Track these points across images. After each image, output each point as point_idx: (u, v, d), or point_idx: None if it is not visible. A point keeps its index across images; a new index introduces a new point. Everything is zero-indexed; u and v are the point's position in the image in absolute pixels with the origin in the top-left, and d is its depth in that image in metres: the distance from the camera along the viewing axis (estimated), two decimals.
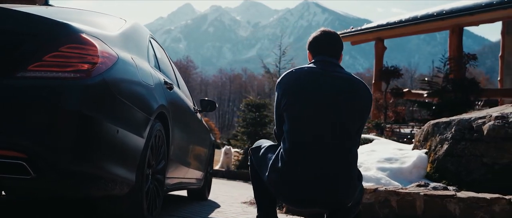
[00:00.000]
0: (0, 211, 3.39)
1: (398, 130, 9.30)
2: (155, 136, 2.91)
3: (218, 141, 30.72)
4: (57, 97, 2.09)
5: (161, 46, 4.30)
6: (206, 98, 5.33)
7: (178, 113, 3.63)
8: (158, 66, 3.52)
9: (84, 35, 2.27)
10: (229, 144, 19.17)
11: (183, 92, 4.34)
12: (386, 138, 8.48)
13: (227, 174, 12.17)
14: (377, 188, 3.85)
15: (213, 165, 12.39)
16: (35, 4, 9.86)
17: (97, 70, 2.22)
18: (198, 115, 4.85)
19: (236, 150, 15.46)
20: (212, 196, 6.16)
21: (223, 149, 11.91)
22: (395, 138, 8.42)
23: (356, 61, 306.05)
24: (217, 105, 5.36)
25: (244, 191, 7.64)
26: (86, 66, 2.18)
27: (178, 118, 3.62)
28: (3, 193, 2.50)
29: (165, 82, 3.33)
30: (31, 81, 2.08)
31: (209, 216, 3.99)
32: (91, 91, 2.18)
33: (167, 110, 3.16)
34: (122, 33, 2.90)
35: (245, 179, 11.26)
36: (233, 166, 13.02)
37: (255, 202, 5.37)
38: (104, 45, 2.38)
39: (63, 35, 2.23)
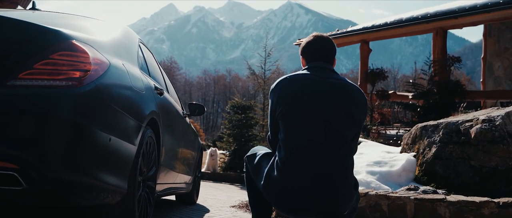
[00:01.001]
0: None
1: (384, 132, 9.37)
2: (146, 143, 2.88)
3: (203, 142, 30.64)
4: (48, 106, 2.04)
5: (149, 51, 4.26)
6: (195, 102, 5.30)
7: (168, 119, 3.59)
8: (148, 72, 3.48)
9: (75, 42, 2.22)
10: (215, 146, 19.11)
11: (172, 97, 4.30)
12: (372, 139, 8.53)
13: (213, 176, 12.12)
14: (367, 192, 3.86)
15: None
16: (16, 6, 9.69)
17: (89, 77, 2.18)
18: (187, 119, 4.81)
19: (222, 152, 15.41)
20: (200, 200, 6.12)
21: (208, 151, 11.87)
22: (382, 140, 8.47)
23: (340, 62, 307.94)
24: (205, 109, 5.33)
25: (231, 194, 7.61)
26: (78, 73, 2.14)
27: (168, 124, 3.58)
28: None
29: (156, 88, 3.29)
30: (21, 90, 2.03)
31: None
32: (83, 99, 2.14)
33: (157, 115, 3.13)
34: (112, 38, 2.86)
35: (231, 181, 11.23)
36: (219, 168, 12.98)
37: (244, 205, 5.38)
38: (96, 52, 2.34)
39: (54, 42, 2.18)
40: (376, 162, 4.72)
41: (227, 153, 14.60)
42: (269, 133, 2.60)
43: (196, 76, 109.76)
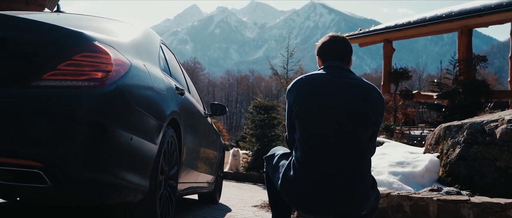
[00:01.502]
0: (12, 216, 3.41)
1: (408, 132, 9.25)
2: (167, 142, 2.91)
3: (226, 142, 30.76)
4: (71, 106, 2.09)
5: (171, 51, 4.31)
6: (216, 103, 5.33)
7: (189, 118, 3.63)
8: (169, 72, 3.52)
9: (97, 43, 2.27)
10: (238, 146, 19.17)
11: (193, 97, 4.34)
12: (396, 140, 8.44)
13: (236, 176, 12.17)
14: (389, 193, 3.83)
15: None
16: (43, 8, 9.92)
17: (111, 78, 2.22)
18: (209, 119, 4.85)
19: (245, 152, 15.46)
20: (222, 199, 6.16)
21: (231, 151, 11.91)
22: (405, 140, 8.37)
23: (363, 62, 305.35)
24: (227, 109, 5.36)
25: (254, 193, 7.63)
26: (99, 74, 2.18)
27: (189, 123, 3.62)
28: (17, 199, 2.50)
29: (177, 88, 3.33)
30: (46, 90, 2.08)
31: None
32: (105, 99, 2.18)
33: (179, 115, 3.16)
34: (133, 39, 2.91)
35: (254, 181, 11.25)
36: (242, 168, 13.03)
37: (266, 205, 5.39)
38: (117, 53, 2.38)
39: (76, 44, 2.23)
40: (399, 162, 4.68)
41: (250, 153, 14.63)
42: (286, 133, 2.61)
43: (219, 76, 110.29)
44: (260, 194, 6.41)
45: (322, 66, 2.61)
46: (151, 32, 3.47)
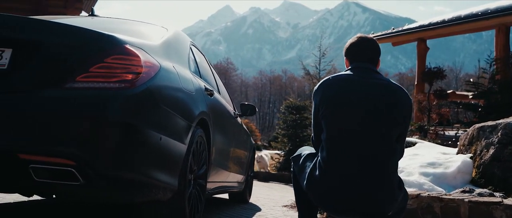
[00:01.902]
0: (50, 213, 3.55)
1: (442, 133, 9.08)
2: (196, 142, 2.98)
3: (259, 142, 30.85)
4: (103, 107, 2.17)
5: (201, 52, 4.39)
6: (247, 103, 5.39)
7: (218, 119, 3.69)
8: (198, 73, 3.59)
9: (128, 46, 2.35)
10: (270, 146, 19.22)
11: (223, 97, 4.41)
12: (429, 140, 8.29)
13: (267, 177, 12.23)
14: (419, 194, 3.79)
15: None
16: (80, 12, 10.21)
17: (141, 79, 2.29)
18: (239, 119, 4.90)
19: (277, 152, 15.48)
20: (253, 199, 6.21)
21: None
22: (439, 141, 8.22)
23: (398, 61, 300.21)
24: (257, 110, 5.41)
25: (285, 193, 7.65)
26: (130, 76, 2.26)
27: (218, 124, 3.68)
28: (53, 196, 2.61)
29: (206, 89, 3.39)
30: (79, 92, 2.17)
31: None
32: (135, 100, 2.25)
33: (208, 116, 3.22)
34: (163, 42, 2.98)
35: (285, 181, 11.27)
36: (274, 168, 13.10)
37: (294, 206, 5.41)
38: (147, 55, 2.45)
39: (108, 47, 2.32)
40: (430, 163, 4.61)
41: (282, 153, 14.66)
42: (312, 133, 2.63)
43: (252, 77, 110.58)
44: (291, 194, 6.39)
45: (350, 67, 2.62)
46: (181, 34, 3.55)
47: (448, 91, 10.05)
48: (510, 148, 4.31)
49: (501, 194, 3.82)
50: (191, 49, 3.64)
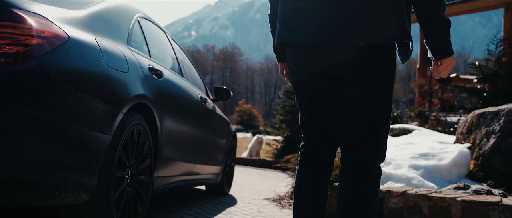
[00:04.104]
0: None
1: (444, 119, 8.52)
2: (131, 132, 2.49)
3: (261, 128, 30.39)
4: None
5: (162, 29, 3.87)
6: (220, 87, 4.88)
7: (172, 104, 3.19)
8: (147, 52, 3.08)
9: (16, 11, 1.84)
10: (268, 134, 18.70)
11: (188, 81, 3.90)
12: (430, 127, 7.76)
13: (264, 163, 11.77)
14: (405, 191, 3.28)
15: (244, 154, 11.91)
16: None
17: (31, 53, 1.79)
18: (209, 105, 4.40)
19: (275, 138, 14.97)
20: (237, 190, 5.74)
21: (255, 138, 11.49)
22: (440, 128, 7.68)
23: None
24: (232, 94, 4.91)
25: (279, 183, 7.08)
26: (14, 49, 1.76)
27: (172, 109, 3.18)
28: None
29: (151, 69, 2.88)
30: None
31: None
32: (20, 79, 1.76)
33: (151, 101, 2.72)
34: (92, 12, 2.48)
35: (282, 169, 10.78)
36: (271, 155, 12.63)
37: (278, 198, 4.92)
38: (48, 24, 1.95)
39: None
40: (423, 154, 4.08)
41: (281, 139, 14.16)
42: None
43: (258, 62, 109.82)
44: (285, 183, 5.89)
45: None
46: (124, 6, 3.02)
47: (452, 75, 9.46)
48: None
49: (501, 191, 3.30)
50: (139, 23, 3.13)
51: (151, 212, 3.51)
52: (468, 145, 4.16)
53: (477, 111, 4.35)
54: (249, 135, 26.60)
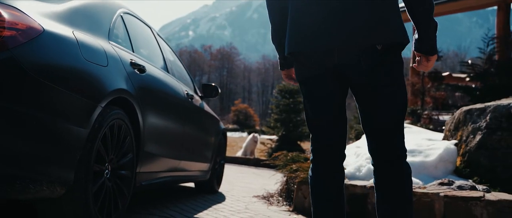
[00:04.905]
0: None
1: (436, 117, 8.53)
2: (111, 126, 2.48)
3: (257, 128, 30.40)
4: None
5: (148, 26, 3.86)
6: (209, 83, 4.87)
7: (155, 99, 3.18)
8: (130, 46, 3.07)
9: None
10: (264, 134, 18.72)
11: (174, 77, 3.89)
12: (422, 126, 7.77)
13: (258, 162, 11.77)
14: None
15: (237, 153, 11.89)
16: None
17: (2, 45, 1.78)
18: (197, 102, 4.39)
19: (270, 137, 14.96)
20: (227, 188, 5.74)
21: (250, 136, 11.45)
22: (432, 126, 7.69)
23: None
24: (219, 90, 4.90)
25: (271, 181, 7.09)
26: None
27: (156, 105, 3.17)
28: None
29: (132, 64, 2.87)
30: None
31: (195, 216, 3.54)
32: None
33: (133, 95, 2.71)
34: (71, 6, 2.47)
35: (273, 167, 10.77)
36: (265, 154, 12.61)
37: (267, 196, 4.91)
38: (21, 16, 1.94)
39: None
40: (410, 150, 4.07)
41: (275, 138, 14.14)
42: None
43: (255, 61, 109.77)
44: (275, 180, 5.87)
45: None
46: (108, 1, 3.01)
47: (444, 74, 9.46)
48: (499, 133, 3.79)
49: (485, 187, 3.30)
50: (122, 18, 3.12)
51: (135, 208, 3.50)
52: (455, 141, 4.16)
53: (465, 108, 4.35)
54: (245, 134, 26.59)
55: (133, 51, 3.07)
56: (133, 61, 2.88)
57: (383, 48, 1.87)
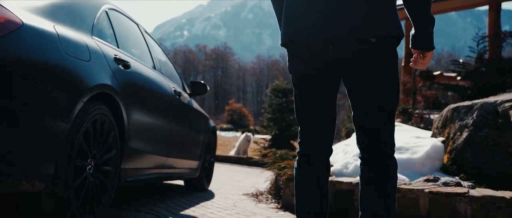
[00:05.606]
0: None
1: (427, 116, 8.55)
2: (94, 121, 2.46)
3: (251, 127, 30.39)
4: None
5: (135, 22, 3.85)
6: (197, 81, 4.86)
7: (141, 95, 3.17)
8: (115, 42, 3.06)
9: None
10: (258, 133, 18.72)
11: (161, 74, 3.88)
12: (413, 124, 7.79)
13: (250, 162, 11.76)
14: None
15: (230, 152, 11.84)
16: None
17: None
18: (185, 99, 4.38)
19: (262, 136, 14.96)
20: (217, 186, 5.72)
21: (243, 136, 11.43)
22: (423, 125, 7.71)
23: None
24: (208, 88, 4.89)
25: (261, 180, 7.09)
26: None
27: (141, 101, 3.16)
28: None
29: (117, 59, 2.85)
30: None
31: (182, 213, 3.53)
32: None
33: (116, 91, 2.70)
34: (53, 1, 2.46)
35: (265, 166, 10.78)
36: (258, 154, 12.61)
37: (257, 194, 4.91)
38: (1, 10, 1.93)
39: None
40: (397, 148, 4.07)
41: (268, 138, 14.13)
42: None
43: (250, 61, 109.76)
44: (264, 179, 5.86)
45: None
46: None
47: (435, 73, 9.49)
48: (485, 130, 3.80)
49: (470, 184, 3.32)
50: (107, 14, 3.10)
51: (122, 205, 3.49)
52: (442, 138, 4.18)
53: (452, 105, 4.37)
54: (239, 134, 26.59)
55: (118, 47, 3.06)
56: (117, 56, 2.87)
57: (377, 41, 1.86)
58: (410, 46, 2.02)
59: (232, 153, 11.88)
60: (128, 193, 4.16)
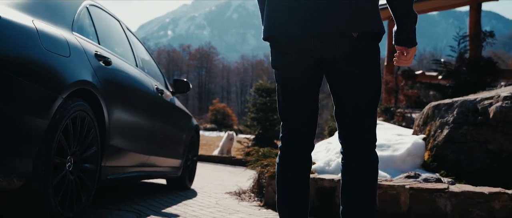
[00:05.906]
0: None
1: (409, 115, 8.65)
2: (73, 117, 2.43)
3: (235, 127, 30.35)
4: None
5: (117, 19, 3.82)
6: (180, 79, 4.84)
7: (122, 93, 3.14)
8: (96, 39, 3.03)
9: None
10: (241, 133, 18.72)
11: (143, 71, 3.85)
12: (396, 123, 7.86)
13: (235, 162, 11.75)
14: None
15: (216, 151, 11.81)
16: None
17: None
18: (167, 97, 4.35)
19: (246, 136, 14.95)
20: (200, 184, 5.70)
21: (225, 135, 11.41)
22: (404, 124, 7.79)
23: None
24: (191, 86, 4.87)
25: (244, 179, 7.08)
26: None
27: (123, 98, 3.13)
28: None
29: (98, 56, 2.82)
30: None
31: (164, 211, 3.51)
32: None
33: (97, 87, 2.67)
34: None
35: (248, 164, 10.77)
36: (242, 153, 12.60)
37: (240, 192, 4.90)
38: None
39: None
40: (379, 145, 4.11)
41: (252, 137, 14.13)
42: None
43: (234, 61, 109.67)
44: (244, 178, 5.87)
45: None
46: None
47: (417, 72, 9.59)
48: (465, 128, 3.85)
49: (450, 180, 3.35)
50: (88, 10, 3.07)
51: (103, 203, 3.46)
52: (423, 136, 4.22)
53: (433, 103, 4.42)
54: (222, 133, 26.54)
55: (99, 43, 3.03)
56: (98, 53, 2.84)
57: (359, 37, 1.87)
58: (393, 42, 2.04)
59: (215, 152, 11.86)
60: (110, 192, 4.12)
